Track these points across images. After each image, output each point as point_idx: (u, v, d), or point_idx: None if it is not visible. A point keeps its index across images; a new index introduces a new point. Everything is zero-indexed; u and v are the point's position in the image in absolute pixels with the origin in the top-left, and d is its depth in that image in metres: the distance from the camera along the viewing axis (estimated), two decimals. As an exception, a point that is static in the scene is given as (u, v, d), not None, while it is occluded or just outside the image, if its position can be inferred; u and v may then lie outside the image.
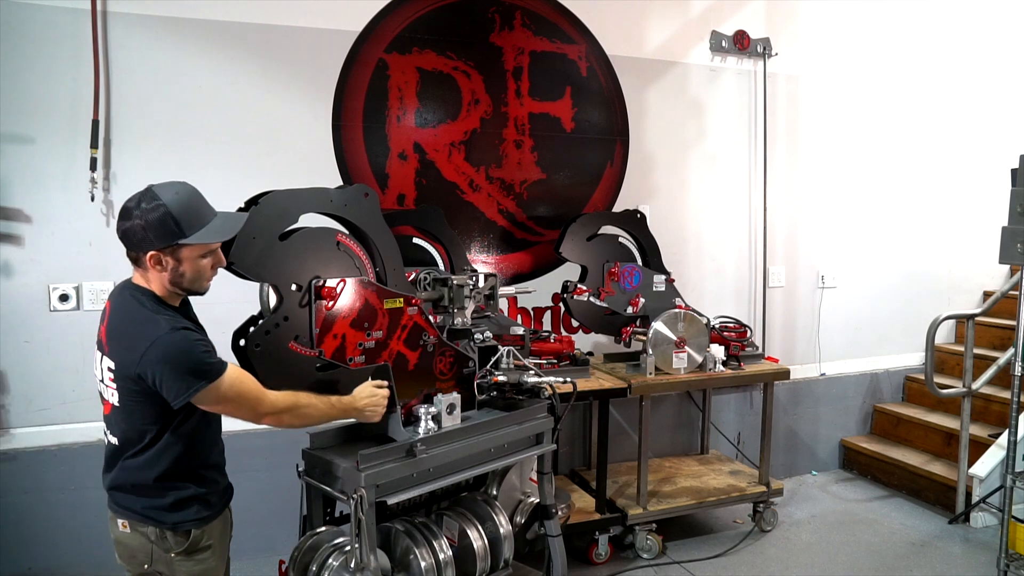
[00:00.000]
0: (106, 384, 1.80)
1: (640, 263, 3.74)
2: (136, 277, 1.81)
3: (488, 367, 2.55)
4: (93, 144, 3.03)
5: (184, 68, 3.20)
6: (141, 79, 3.14)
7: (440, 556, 2.29)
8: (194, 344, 1.72)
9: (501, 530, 2.50)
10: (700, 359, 3.56)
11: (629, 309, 3.58)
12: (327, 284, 2.09)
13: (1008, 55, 5.05)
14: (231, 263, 1.94)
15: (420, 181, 3.65)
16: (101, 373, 1.81)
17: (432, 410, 2.29)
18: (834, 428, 4.76)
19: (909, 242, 4.86)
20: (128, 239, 1.74)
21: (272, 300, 2.06)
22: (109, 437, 1.84)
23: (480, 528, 2.48)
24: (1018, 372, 3.13)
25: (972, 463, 3.92)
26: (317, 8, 3.39)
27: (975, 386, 3.96)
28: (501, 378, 2.54)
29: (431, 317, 2.44)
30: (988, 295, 5.03)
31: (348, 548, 2.08)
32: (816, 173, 4.55)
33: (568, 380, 2.72)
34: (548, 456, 2.65)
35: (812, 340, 4.64)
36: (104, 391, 1.82)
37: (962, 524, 3.89)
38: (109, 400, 1.81)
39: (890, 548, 3.64)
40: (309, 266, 2.10)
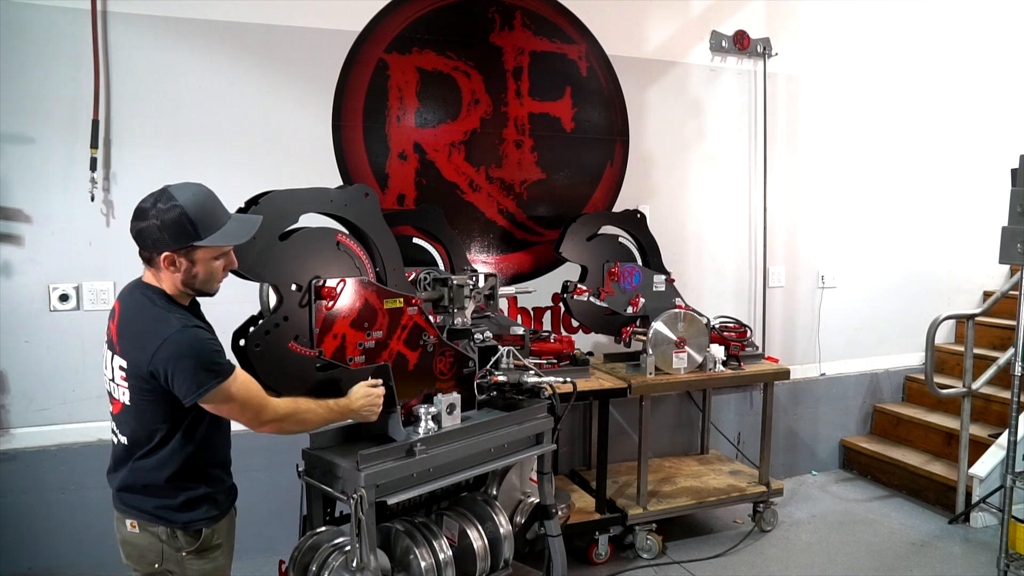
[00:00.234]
0: (117, 383, 1.79)
1: (640, 263, 3.74)
2: (147, 276, 1.81)
3: (488, 367, 2.56)
4: (93, 144, 3.03)
5: (184, 68, 3.20)
6: (141, 79, 3.14)
7: (440, 556, 2.29)
8: (206, 342, 1.73)
9: (501, 530, 2.50)
10: (700, 359, 3.57)
11: (629, 309, 3.58)
12: (327, 284, 2.09)
13: (1008, 55, 5.05)
14: (231, 263, 1.94)
15: (420, 181, 3.65)
16: (112, 372, 1.81)
17: (432, 410, 2.29)
18: (834, 428, 4.76)
19: (909, 242, 4.86)
20: (142, 239, 1.73)
21: (272, 300, 2.06)
22: (118, 437, 1.83)
23: (480, 528, 2.48)
24: (1018, 372, 3.13)
25: (972, 463, 3.92)
26: (317, 8, 3.39)
27: (975, 386, 3.96)
28: (501, 378, 2.54)
29: (431, 317, 2.44)
30: (988, 295, 5.03)
31: (348, 548, 2.08)
32: (816, 173, 4.55)
33: (568, 380, 2.72)
34: (548, 456, 2.65)
35: (812, 340, 4.64)
36: (114, 390, 1.82)
37: (962, 524, 3.89)
38: (119, 399, 1.80)
39: (890, 548, 3.64)
40: (309, 266, 2.10)
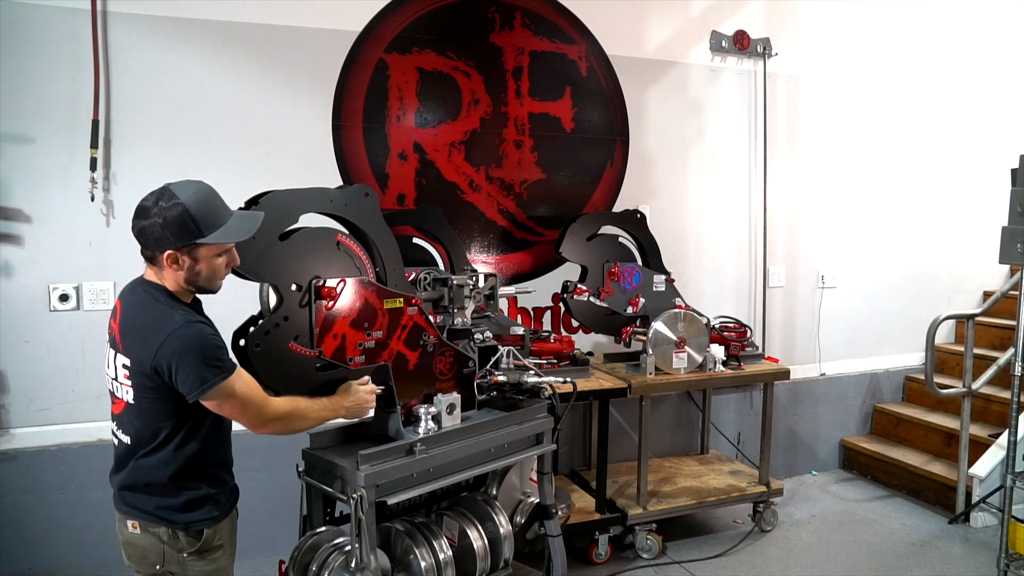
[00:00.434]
0: (120, 382, 1.79)
1: (640, 263, 3.74)
2: (149, 274, 1.81)
3: (488, 367, 2.55)
4: (93, 144, 3.03)
5: (184, 68, 3.20)
6: (141, 79, 3.14)
7: (440, 556, 2.29)
8: (210, 338, 1.73)
9: (501, 530, 2.50)
10: (700, 359, 3.56)
11: (629, 309, 3.58)
12: (327, 284, 2.09)
13: (1008, 55, 5.05)
14: (231, 263, 1.94)
15: (420, 181, 3.65)
16: (115, 371, 1.80)
17: (432, 410, 2.29)
18: (834, 428, 4.76)
19: (909, 242, 4.86)
20: (145, 237, 1.72)
21: (272, 300, 2.06)
22: (121, 436, 1.83)
23: (480, 528, 2.48)
24: (1018, 372, 3.13)
25: (972, 463, 3.92)
26: (317, 8, 3.39)
27: (975, 386, 3.96)
28: (501, 378, 2.54)
29: (431, 317, 2.44)
30: (988, 295, 5.03)
31: (348, 548, 2.08)
32: (816, 173, 4.55)
33: (568, 380, 2.72)
34: (548, 456, 2.65)
35: (812, 340, 4.64)
36: (117, 389, 1.81)
37: (962, 524, 3.89)
38: (123, 398, 1.80)
39: (890, 548, 3.64)
40: (309, 266, 2.10)
